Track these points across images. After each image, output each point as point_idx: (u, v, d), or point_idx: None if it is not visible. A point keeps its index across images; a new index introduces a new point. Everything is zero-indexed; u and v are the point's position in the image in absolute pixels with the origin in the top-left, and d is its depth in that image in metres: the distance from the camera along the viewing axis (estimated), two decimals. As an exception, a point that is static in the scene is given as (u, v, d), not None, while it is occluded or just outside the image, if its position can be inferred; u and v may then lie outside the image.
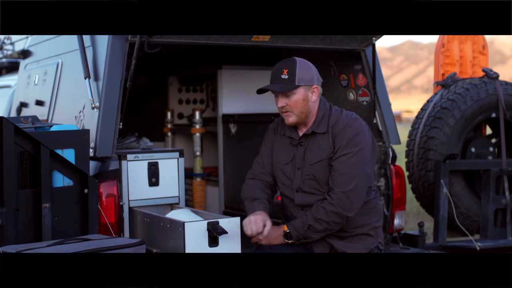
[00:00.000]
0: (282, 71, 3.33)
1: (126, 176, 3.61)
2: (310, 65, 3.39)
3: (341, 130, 3.33)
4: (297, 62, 3.34)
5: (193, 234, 3.17)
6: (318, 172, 3.35)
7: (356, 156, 3.28)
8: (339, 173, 3.28)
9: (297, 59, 3.37)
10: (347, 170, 3.27)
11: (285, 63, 3.35)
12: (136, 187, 3.64)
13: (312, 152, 3.37)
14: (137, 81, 5.58)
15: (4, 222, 2.97)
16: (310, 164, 3.36)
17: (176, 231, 3.22)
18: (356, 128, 3.33)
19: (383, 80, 4.43)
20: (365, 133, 3.34)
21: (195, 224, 3.20)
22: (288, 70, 3.32)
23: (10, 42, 5.66)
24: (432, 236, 5.05)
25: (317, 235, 3.32)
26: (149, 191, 3.69)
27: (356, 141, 3.30)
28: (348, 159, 3.28)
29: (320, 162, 3.34)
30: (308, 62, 3.40)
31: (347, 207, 3.25)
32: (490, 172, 4.96)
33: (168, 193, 3.74)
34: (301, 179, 3.39)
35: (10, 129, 3.01)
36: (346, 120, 3.35)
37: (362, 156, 3.29)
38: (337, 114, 3.40)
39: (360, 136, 3.31)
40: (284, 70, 3.33)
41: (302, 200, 3.39)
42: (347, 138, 3.30)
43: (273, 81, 3.36)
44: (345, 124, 3.34)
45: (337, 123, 3.36)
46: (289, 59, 3.37)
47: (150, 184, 3.69)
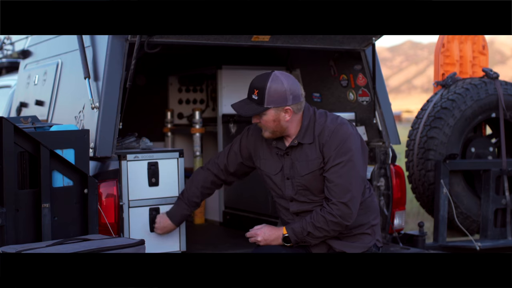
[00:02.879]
0: (253, 91, 3.26)
1: (126, 176, 3.61)
2: (284, 84, 3.23)
3: (328, 139, 3.26)
4: (269, 82, 3.22)
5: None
6: (309, 183, 3.32)
7: (348, 164, 3.23)
8: (333, 184, 3.24)
9: (273, 75, 3.25)
10: (342, 181, 3.23)
11: (258, 82, 3.26)
12: (136, 187, 3.64)
13: (301, 164, 3.32)
14: (137, 81, 5.57)
15: (4, 222, 2.97)
16: (300, 175, 3.32)
17: None
18: (343, 135, 3.26)
19: (383, 80, 4.43)
20: (353, 138, 3.28)
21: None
22: (259, 91, 3.24)
23: (10, 42, 5.66)
24: (432, 236, 5.05)
25: (315, 241, 3.32)
26: (149, 191, 3.69)
27: (345, 148, 3.24)
28: (340, 168, 3.23)
29: (311, 173, 3.30)
30: (284, 79, 3.25)
31: (348, 216, 3.24)
32: (490, 172, 4.95)
33: (168, 193, 3.74)
34: (293, 190, 3.36)
35: (10, 129, 3.01)
36: (332, 127, 3.28)
37: (354, 163, 3.25)
38: (322, 120, 3.32)
39: (349, 143, 3.25)
40: (255, 90, 3.25)
41: (297, 208, 3.38)
42: (335, 147, 3.24)
43: (246, 99, 3.31)
44: (332, 132, 3.27)
45: (323, 132, 3.29)
46: (264, 75, 3.27)
47: (150, 184, 3.69)
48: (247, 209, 4.99)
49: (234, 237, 4.81)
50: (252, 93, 3.27)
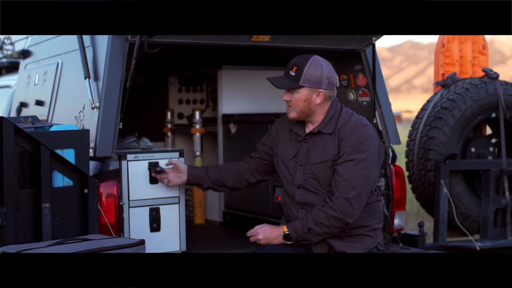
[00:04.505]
0: (292, 67, 3.34)
1: (126, 176, 3.61)
2: (324, 67, 3.32)
3: (347, 134, 3.30)
4: (309, 62, 3.31)
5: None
6: (320, 172, 3.34)
7: (361, 163, 3.26)
8: (342, 178, 3.26)
9: (314, 57, 3.34)
10: (351, 177, 3.25)
11: (298, 60, 3.35)
12: (136, 187, 3.65)
13: (316, 152, 3.36)
14: (137, 81, 5.57)
15: (4, 222, 2.97)
16: (313, 163, 3.36)
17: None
18: (363, 135, 3.29)
19: (383, 80, 4.43)
20: (372, 140, 3.31)
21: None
22: (297, 68, 3.32)
23: (10, 42, 5.66)
24: (432, 236, 5.05)
25: (316, 238, 3.32)
26: (149, 191, 3.69)
27: (362, 148, 3.27)
28: (353, 165, 3.26)
29: (323, 163, 3.33)
30: (324, 64, 3.34)
31: (348, 213, 3.25)
32: (490, 172, 4.96)
33: (168, 193, 3.74)
34: (302, 176, 3.38)
35: (10, 129, 3.01)
36: (355, 125, 3.32)
37: (367, 164, 3.27)
38: (347, 117, 3.38)
39: (367, 143, 3.28)
40: (294, 66, 3.33)
41: (302, 197, 3.39)
42: (352, 144, 3.28)
43: (283, 75, 3.37)
44: (353, 129, 3.31)
45: (344, 126, 3.33)
46: (306, 56, 3.35)
47: (151, 182, 3.70)
48: (247, 209, 4.99)
49: (234, 237, 4.81)
50: (290, 69, 3.33)
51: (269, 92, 4.79)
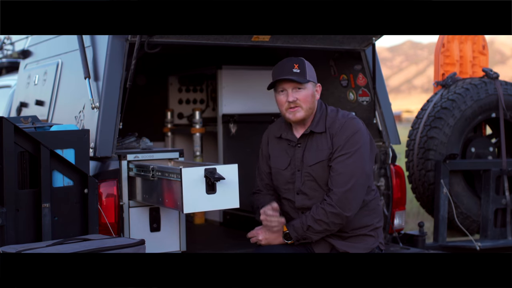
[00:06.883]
0: (293, 66, 3.34)
1: (126, 176, 3.61)
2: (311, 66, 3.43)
3: (338, 130, 3.33)
4: (304, 60, 3.39)
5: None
6: (316, 173, 3.34)
7: (354, 155, 3.28)
8: (337, 173, 3.28)
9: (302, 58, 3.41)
10: (345, 170, 3.27)
11: (293, 60, 3.37)
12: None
13: (311, 153, 3.37)
14: (137, 81, 5.58)
15: (4, 222, 2.97)
16: (308, 165, 3.36)
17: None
18: (353, 128, 3.33)
19: (383, 80, 4.43)
20: (362, 133, 3.34)
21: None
22: (299, 65, 3.35)
23: (10, 42, 5.66)
24: (432, 236, 5.05)
25: (316, 236, 3.32)
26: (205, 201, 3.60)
27: (353, 140, 3.30)
28: (346, 159, 3.28)
29: (320, 163, 3.34)
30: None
31: (346, 207, 3.25)
32: (490, 172, 4.96)
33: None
34: (301, 181, 3.38)
35: (10, 129, 3.01)
36: (343, 120, 3.36)
37: (360, 156, 3.30)
38: (333, 114, 3.41)
39: (358, 136, 3.32)
40: (295, 65, 3.35)
41: (302, 203, 3.39)
42: (344, 138, 3.30)
43: (284, 74, 3.34)
44: (342, 124, 3.34)
45: (334, 124, 3.36)
46: (295, 58, 3.39)
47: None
48: (247, 209, 4.98)
49: (234, 237, 4.81)
50: (292, 68, 3.34)
51: (269, 92, 4.79)
